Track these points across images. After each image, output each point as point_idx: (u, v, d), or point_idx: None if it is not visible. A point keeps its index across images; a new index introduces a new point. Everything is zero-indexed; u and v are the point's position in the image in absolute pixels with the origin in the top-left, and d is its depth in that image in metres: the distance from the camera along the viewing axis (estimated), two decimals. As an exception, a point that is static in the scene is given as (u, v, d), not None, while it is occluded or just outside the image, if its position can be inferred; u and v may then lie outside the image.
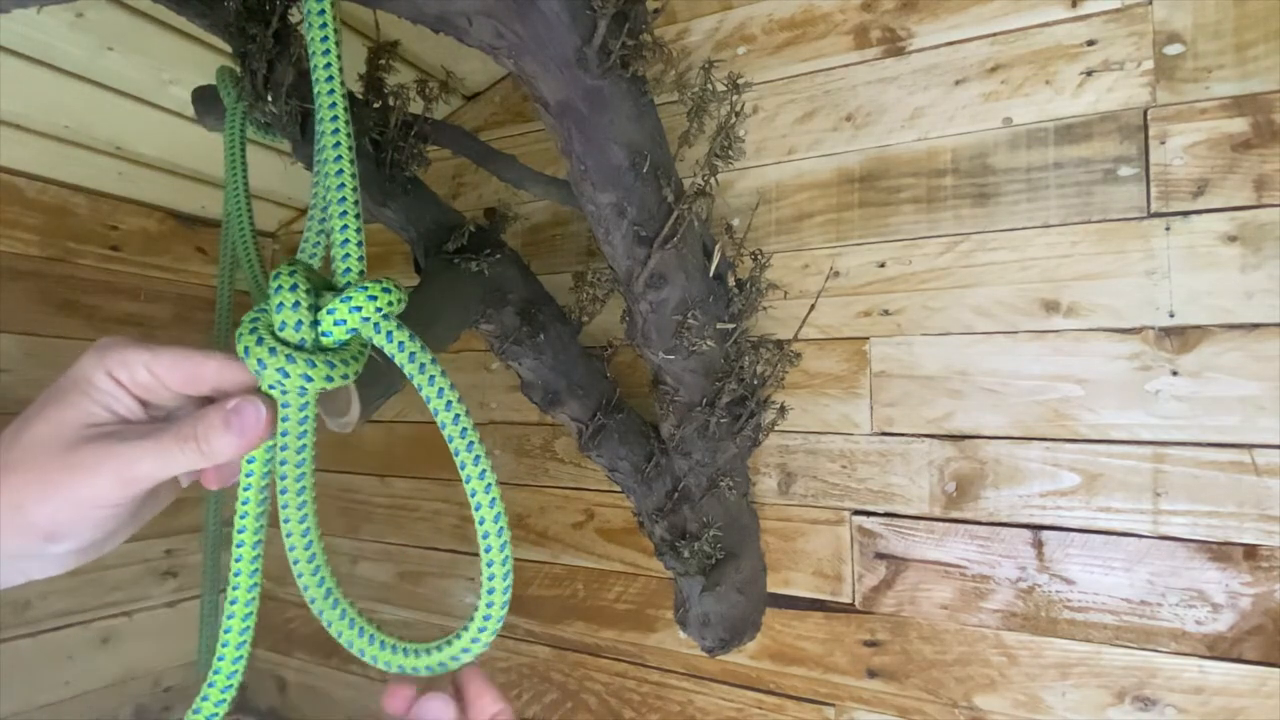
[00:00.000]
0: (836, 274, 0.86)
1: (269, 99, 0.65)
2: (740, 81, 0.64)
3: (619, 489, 0.87)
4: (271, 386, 0.34)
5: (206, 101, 0.77)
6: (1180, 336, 0.70)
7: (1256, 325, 0.68)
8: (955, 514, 0.79)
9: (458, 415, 0.36)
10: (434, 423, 0.37)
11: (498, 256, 0.76)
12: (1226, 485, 0.68)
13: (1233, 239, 0.69)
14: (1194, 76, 0.71)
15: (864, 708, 0.82)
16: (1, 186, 1.01)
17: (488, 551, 0.37)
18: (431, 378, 0.36)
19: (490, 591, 0.36)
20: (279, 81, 0.64)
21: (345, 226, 0.37)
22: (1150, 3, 0.73)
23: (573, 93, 0.54)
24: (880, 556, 0.82)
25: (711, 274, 0.72)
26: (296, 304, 0.34)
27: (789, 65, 0.90)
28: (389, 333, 0.36)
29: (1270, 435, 0.66)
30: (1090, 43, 0.75)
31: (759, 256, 0.77)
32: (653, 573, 0.96)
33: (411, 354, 0.36)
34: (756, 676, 0.89)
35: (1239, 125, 0.69)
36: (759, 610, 0.87)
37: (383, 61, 0.71)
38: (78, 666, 1.10)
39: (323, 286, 0.36)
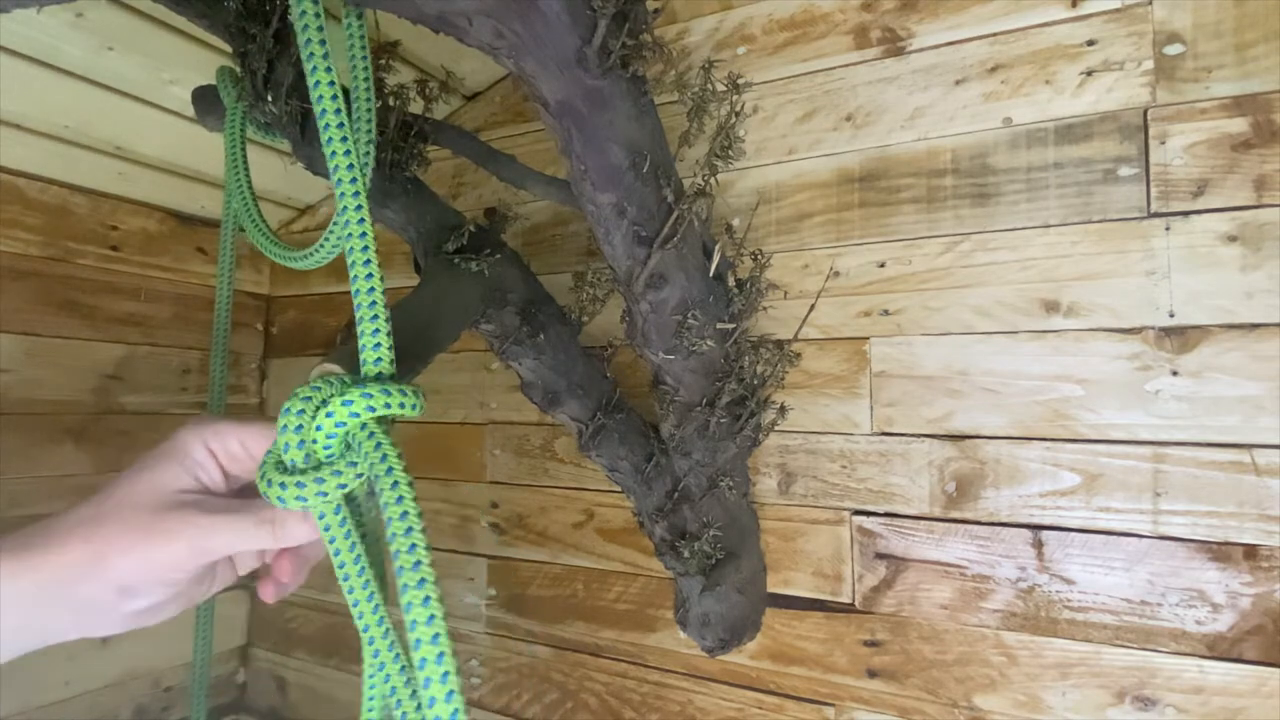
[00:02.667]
0: (836, 274, 0.86)
1: (269, 99, 0.65)
2: (740, 81, 0.64)
3: (619, 489, 0.87)
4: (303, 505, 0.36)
5: (206, 101, 0.77)
6: (1180, 336, 0.70)
7: (1256, 325, 0.68)
8: (955, 514, 0.79)
9: (411, 535, 0.35)
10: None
11: (498, 256, 0.76)
12: (1226, 485, 0.68)
13: (1233, 239, 0.69)
14: (1194, 76, 0.71)
15: (864, 708, 0.82)
16: (1, 186, 1.01)
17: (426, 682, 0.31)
18: (400, 497, 0.35)
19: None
20: (279, 81, 0.64)
21: (378, 329, 0.40)
22: (1150, 3, 0.73)
23: (573, 93, 0.54)
24: (880, 556, 0.82)
25: (711, 274, 0.72)
26: (301, 427, 0.37)
27: (789, 65, 0.90)
28: (371, 432, 0.38)
29: (1270, 435, 0.66)
30: (1090, 43, 0.75)
31: (759, 256, 0.77)
32: (653, 573, 0.96)
33: (384, 455, 0.37)
34: (756, 676, 0.89)
35: (1239, 125, 0.69)
36: (759, 610, 0.87)
37: (383, 61, 0.71)
38: (78, 666, 1.10)
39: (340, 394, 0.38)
